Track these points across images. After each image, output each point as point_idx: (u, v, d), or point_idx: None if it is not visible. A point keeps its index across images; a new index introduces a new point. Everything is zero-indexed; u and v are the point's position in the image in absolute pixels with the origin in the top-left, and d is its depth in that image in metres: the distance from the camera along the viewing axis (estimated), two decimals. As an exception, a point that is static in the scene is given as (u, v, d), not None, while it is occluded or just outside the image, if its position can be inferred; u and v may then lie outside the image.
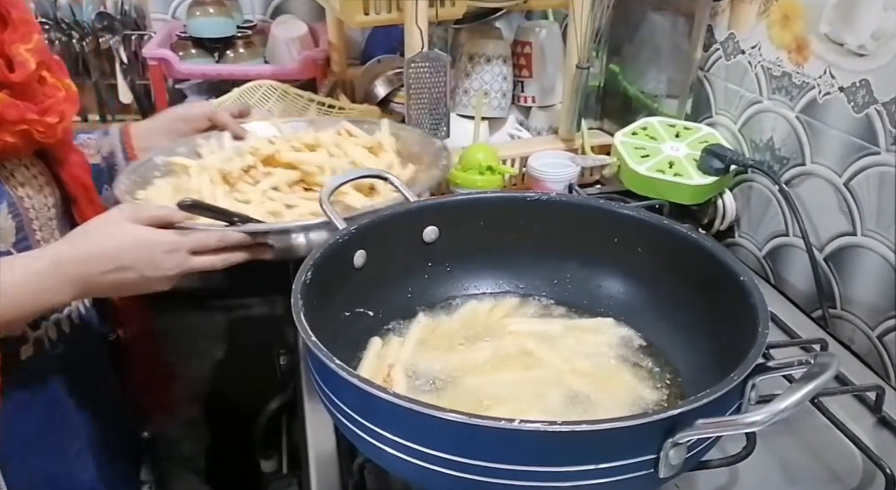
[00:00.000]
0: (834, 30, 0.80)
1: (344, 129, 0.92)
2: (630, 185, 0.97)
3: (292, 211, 0.76)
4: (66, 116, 0.65)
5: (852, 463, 0.61)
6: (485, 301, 0.69)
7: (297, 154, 0.84)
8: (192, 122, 0.89)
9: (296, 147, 0.86)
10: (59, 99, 0.65)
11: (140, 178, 0.80)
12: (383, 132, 0.91)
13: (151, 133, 0.87)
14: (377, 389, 0.44)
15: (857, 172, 0.78)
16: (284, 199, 0.77)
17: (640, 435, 0.42)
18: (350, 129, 0.92)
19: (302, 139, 0.87)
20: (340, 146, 0.87)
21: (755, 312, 0.51)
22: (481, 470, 0.43)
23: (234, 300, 0.96)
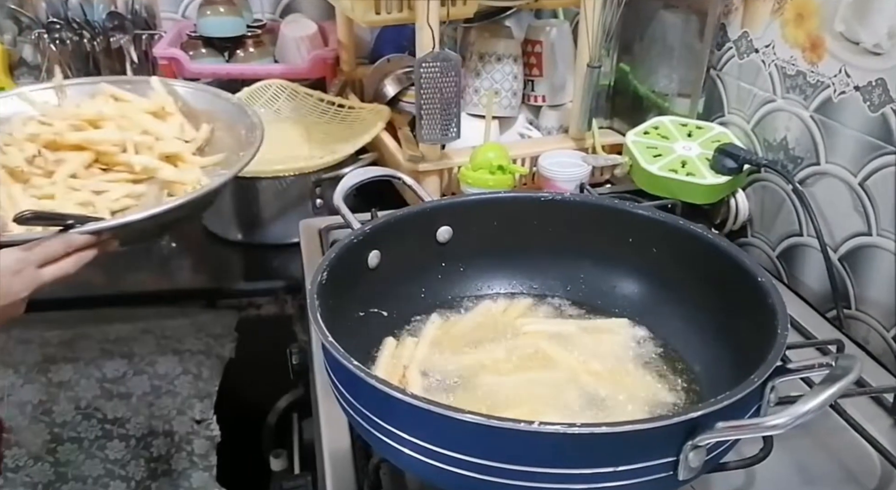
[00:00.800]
0: (849, 28, 0.79)
1: (107, 94, 0.83)
2: (642, 185, 0.97)
3: (104, 197, 0.71)
4: None
5: (870, 465, 0.61)
6: (499, 301, 0.69)
7: (85, 134, 0.76)
8: None
9: (77, 126, 0.78)
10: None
11: None
12: (158, 92, 0.83)
13: None
14: (394, 390, 0.44)
15: (873, 172, 0.78)
16: (89, 185, 0.72)
17: (660, 437, 0.42)
18: (115, 91, 0.83)
19: (81, 115, 0.79)
20: (126, 116, 0.80)
21: (774, 314, 0.50)
22: (499, 471, 0.43)
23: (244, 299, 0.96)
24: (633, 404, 0.57)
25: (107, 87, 0.84)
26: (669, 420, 0.41)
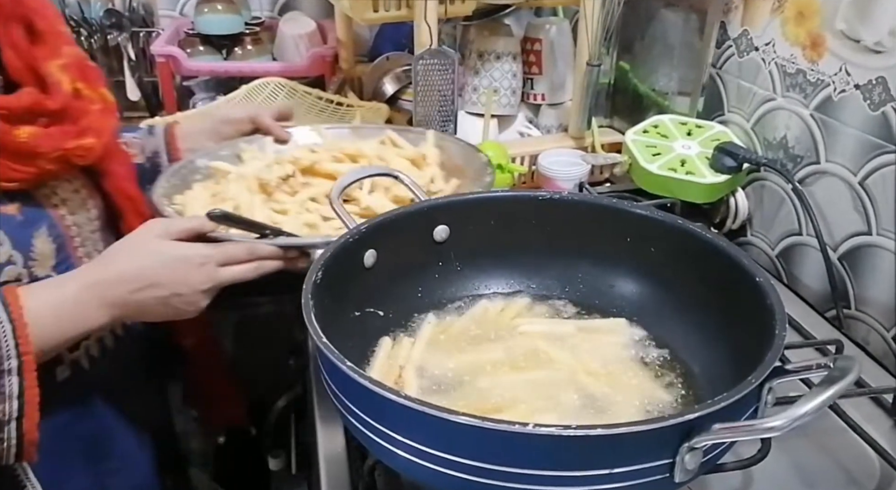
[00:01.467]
0: (850, 26, 0.79)
1: (388, 139, 0.91)
2: (641, 184, 0.97)
3: (329, 223, 0.75)
4: (104, 134, 0.62)
5: (869, 466, 0.61)
6: (496, 301, 0.68)
7: (337, 165, 0.83)
8: (235, 124, 0.88)
9: (337, 157, 0.85)
10: (95, 115, 0.61)
11: (180, 181, 0.78)
12: (428, 143, 0.89)
13: (196, 134, 0.86)
14: (389, 392, 0.43)
15: (873, 171, 0.77)
16: (322, 210, 0.76)
17: (656, 439, 0.42)
18: (394, 138, 0.90)
19: (344, 149, 0.86)
20: (383, 158, 0.86)
21: (772, 314, 0.50)
22: (494, 473, 0.42)
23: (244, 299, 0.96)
24: (630, 405, 0.57)
25: (390, 134, 0.91)
26: (665, 422, 0.41)
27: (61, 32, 0.61)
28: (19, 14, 0.57)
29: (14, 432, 0.52)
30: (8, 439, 0.52)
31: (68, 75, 0.59)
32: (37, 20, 0.58)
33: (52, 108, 0.56)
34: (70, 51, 0.61)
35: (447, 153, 0.89)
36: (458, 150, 0.89)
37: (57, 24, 0.61)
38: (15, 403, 0.51)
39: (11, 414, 0.51)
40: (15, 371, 0.51)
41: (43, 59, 0.58)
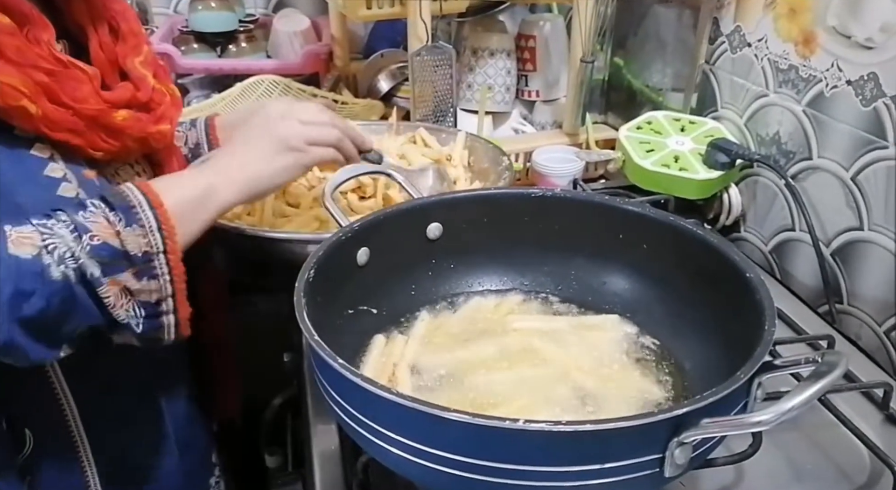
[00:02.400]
0: (841, 22, 0.79)
1: (419, 137, 0.91)
2: (635, 180, 0.97)
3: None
4: (174, 122, 0.68)
5: (859, 460, 0.61)
6: (489, 298, 0.69)
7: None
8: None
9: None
10: (167, 105, 0.67)
11: None
12: (457, 144, 0.89)
13: (233, 126, 0.88)
14: (381, 389, 0.43)
15: (865, 167, 0.77)
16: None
17: (645, 434, 0.42)
18: (425, 137, 0.91)
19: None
20: (406, 157, 0.86)
21: (762, 310, 0.50)
22: (486, 470, 0.43)
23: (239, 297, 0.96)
24: (623, 401, 0.57)
25: (422, 132, 0.92)
26: (654, 417, 0.41)
27: (140, 33, 0.68)
28: (107, 16, 0.64)
29: (165, 268, 0.56)
30: (167, 313, 0.57)
31: (150, 70, 0.66)
32: (120, 21, 0.65)
33: (142, 100, 0.64)
34: (147, 49, 0.67)
35: (475, 155, 0.89)
36: (486, 152, 0.89)
37: (136, 26, 0.67)
38: (157, 236, 0.55)
39: (157, 245, 0.55)
40: (146, 205, 0.55)
41: (125, 56, 0.65)
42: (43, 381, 0.61)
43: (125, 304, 0.54)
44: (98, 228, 0.53)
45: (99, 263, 0.52)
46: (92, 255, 0.52)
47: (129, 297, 0.54)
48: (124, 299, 0.54)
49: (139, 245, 0.54)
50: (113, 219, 0.53)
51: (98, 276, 0.52)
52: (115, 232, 0.53)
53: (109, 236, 0.53)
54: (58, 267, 0.50)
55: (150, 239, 0.54)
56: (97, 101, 0.59)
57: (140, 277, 0.54)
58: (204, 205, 0.60)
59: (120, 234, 0.53)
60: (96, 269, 0.52)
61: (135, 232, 0.54)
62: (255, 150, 0.64)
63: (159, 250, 0.55)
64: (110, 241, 0.53)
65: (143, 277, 0.54)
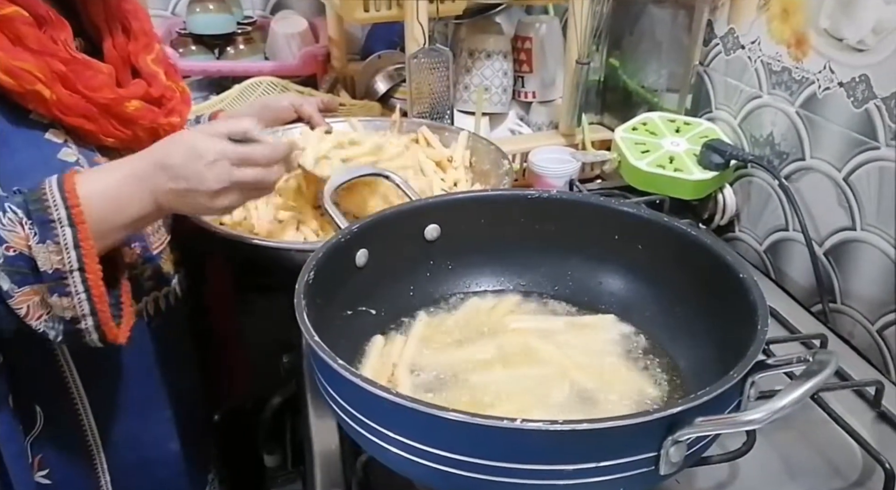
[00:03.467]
0: (834, 24, 0.80)
1: (422, 136, 0.91)
2: (630, 181, 0.98)
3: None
4: (183, 116, 0.69)
5: (852, 458, 0.62)
6: (486, 298, 0.69)
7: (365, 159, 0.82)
8: (277, 111, 0.92)
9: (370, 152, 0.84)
10: (177, 100, 0.69)
11: None
12: (459, 145, 0.89)
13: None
14: (380, 389, 0.44)
15: (857, 167, 0.78)
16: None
17: (640, 433, 0.43)
18: (428, 136, 0.91)
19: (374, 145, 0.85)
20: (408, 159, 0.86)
21: (755, 310, 0.51)
22: (484, 468, 0.43)
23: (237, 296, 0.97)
24: (619, 400, 0.58)
25: (425, 130, 0.92)
26: (649, 416, 0.42)
27: (151, 32, 0.70)
28: (120, 16, 0.66)
29: (81, 286, 0.54)
30: (86, 330, 0.55)
31: (161, 68, 0.68)
32: (132, 20, 0.67)
33: (154, 95, 0.66)
34: (159, 48, 0.69)
35: (477, 155, 0.89)
36: (488, 153, 0.89)
37: (147, 25, 0.70)
38: (72, 254, 0.53)
39: (71, 264, 0.53)
40: (66, 222, 0.53)
41: (136, 54, 0.67)
42: (53, 363, 0.63)
43: (42, 315, 0.53)
44: (14, 239, 0.52)
45: (11, 274, 0.52)
46: (5, 266, 0.51)
47: (46, 309, 0.54)
48: (41, 310, 0.53)
49: (50, 262, 0.52)
50: (28, 231, 0.52)
51: (8, 288, 0.52)
52: (27, 246, 0.52)
53: (24, 248, 0.52)
54: None
55: (65, 257, 0.53)
56: (111, 90, 0.61)
57: (52, 293, 0.53)
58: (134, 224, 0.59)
59: (31, 248, 0.52)
60: (6, 282, 0.52)
61: (48, 248, 0.52)
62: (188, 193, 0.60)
63: (73, 268, 0.53)
64: (25, 252, 0.52)
65: (55, 294, 0.53)
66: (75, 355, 0.64)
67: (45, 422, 0.65)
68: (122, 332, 0.58)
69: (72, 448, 0.66)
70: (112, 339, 0.57)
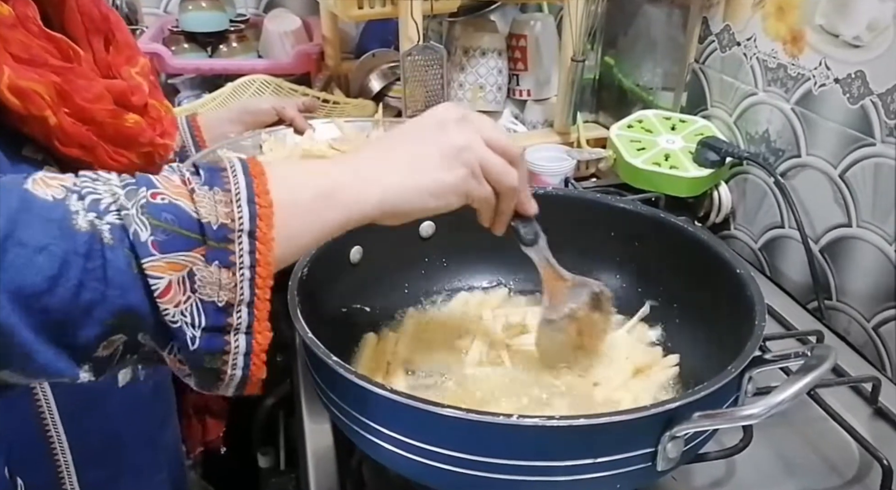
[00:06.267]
0: (829, 21, 0.80)
1: None
2: (626, 178, 0.97)
3: None
4: (172, 135, 0.64)
5: (849, 454, 0.62)
6: (481, 295, 0.69)
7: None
8: (258, 115, 0.90)
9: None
10: (166, 120, 0.63)
11: None
12: None
13: (218, 124, 0.87)
14: (375, 386, 0.44)
15: (853, 164, 0.78)
16: None
17: (637, 429, 0.42)
18: None
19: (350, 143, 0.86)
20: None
21: (752, 305, 0.51)
22: (480, 465, 0.43)
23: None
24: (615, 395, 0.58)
25: None
26: (646, 411, 0.41)
27: (135, 45, 0.66)
28: (104, 27, 0.61)
29: (247, 258, 0.37)
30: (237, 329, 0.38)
31: (146, 80, 0.63)
32: (116, 32, 0.63)
33: (135, 103, 0.58)
34: (143, 61, 0.65)
35: None
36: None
37: (130, 38, 0.65)
38: (245, 209, 0.37)
39: (242, 221, 0.37)
40: (240, 171, 0.39)
41: (119, 66, 0.62)
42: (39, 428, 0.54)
43: (181, 300, 0.36)
44: (167, 186, 0.37)
45: (154, 227, 0.35)
46: (147, 212, 0.35)
47: (187, 292, 0.36)
48: (181, 292, 0.36)
49: (216, 214, 0.37)
50: (190, 177, 0.38)
51: (146, 239, 0.35)
52: (189, 191, 0.37)
53: (179, 195, 0.37)
54: (86, 215, 0.34)
55: (235, 209, 0.37)
56: (108, 100, 0.55)
57: (209, 261, 0.36)
58: (326, 206, 0.41)
59: (194, 192, 0.37)
60: (145, 232, 0.35)
61: (215, 195, 0.37)
62: (413, 152, 0.46)
63: (244, 229, 0.37)
64: (179, 201, 0.36)
65: (214, 261, 0.36)
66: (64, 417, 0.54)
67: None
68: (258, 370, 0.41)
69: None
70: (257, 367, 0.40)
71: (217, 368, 0.38)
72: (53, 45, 0.52)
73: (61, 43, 0.53)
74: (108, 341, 0.35)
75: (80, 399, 0.55)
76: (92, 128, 0.53)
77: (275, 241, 0.38)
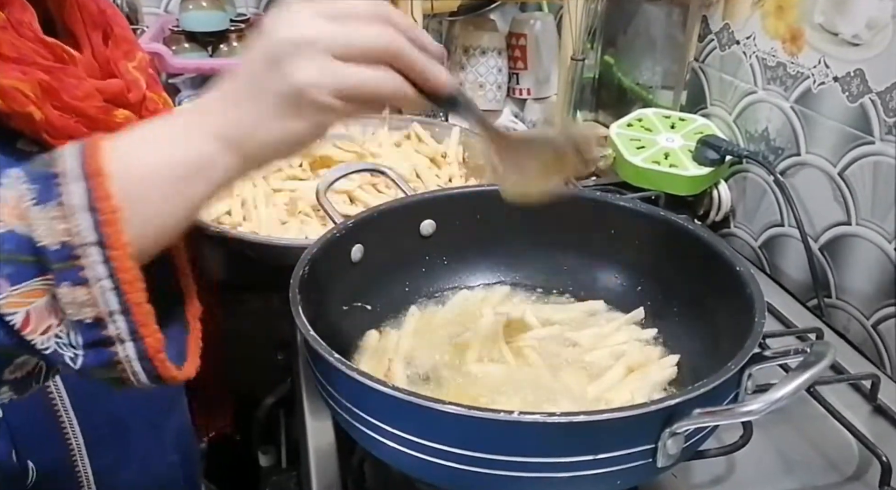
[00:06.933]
0: (828, 19, 0.80)
1: (414, 132, 0.90)
2: (626, 177, 0.98)
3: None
4: None
5: (848, 451, 0.62)
6: (482, 293, 0.69)
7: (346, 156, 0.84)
8: None
9: (360, 153, 0.85)
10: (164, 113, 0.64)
11: None
12: (452, 140, 0.88)
13: None
14: (377, 383, 0.44)
15: (852, 162, 0.78)
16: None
17: (637, 425, 0.43)
18: (420, 132, 0.90)
19: (364, 146, 0.86)
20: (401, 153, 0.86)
21: (752, 303, 0.51)
22: (481, 462, 0.43)
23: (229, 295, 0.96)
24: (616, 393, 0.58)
25: (416, 127, 0.90)
26: (646, 408, 0.42)
27: (133, 39, 0.66)
28: (102, 21, 0.62)
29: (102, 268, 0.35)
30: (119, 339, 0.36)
31: (143, 75, 0.63)
32: (114, 27, 0.63)
33: (132, 100, 0.58)
34: (141, 56, 0.65)
35: (470, 151, 0.89)
36: (482, 149, 0.89)
37: (129, 33, 0.66)
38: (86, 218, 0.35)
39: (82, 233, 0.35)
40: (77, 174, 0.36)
41: (117, 61, 0.62)
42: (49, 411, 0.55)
43: (52, 325, 0.35)
44: (4, 210, 0.35)
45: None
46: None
47: (58, 315, 0.36)
48: (48, 317, 0.35)
49: (53, 233, 0.34)
50: (25, 192, 0.35)
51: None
52: (20, 213, 0.35)
53: (15, 218, 0.35)
54: None
55: (73, 225, 0.35)
56: (98, 98, 0.56)
57: (60, 282, 0.35)
58: (188, 184, 0.39)
59: (27, 214, 0.35)
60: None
61: (49, 213, 0.35)
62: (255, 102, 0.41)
63: (88, 241, 0.35)
64: (15, 227, 0.35)
65: (64, 282, 0.35)
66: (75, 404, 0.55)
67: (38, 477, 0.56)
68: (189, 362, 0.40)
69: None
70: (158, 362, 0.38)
71: (118, 377, 0.37)
72: (48, 50, 0.52)
73: (55, 48, 0.53)
74: (14, 366, 0.36)
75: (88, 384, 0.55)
76: (82, 120, 0.53)
77: (129, 243, 0.35)
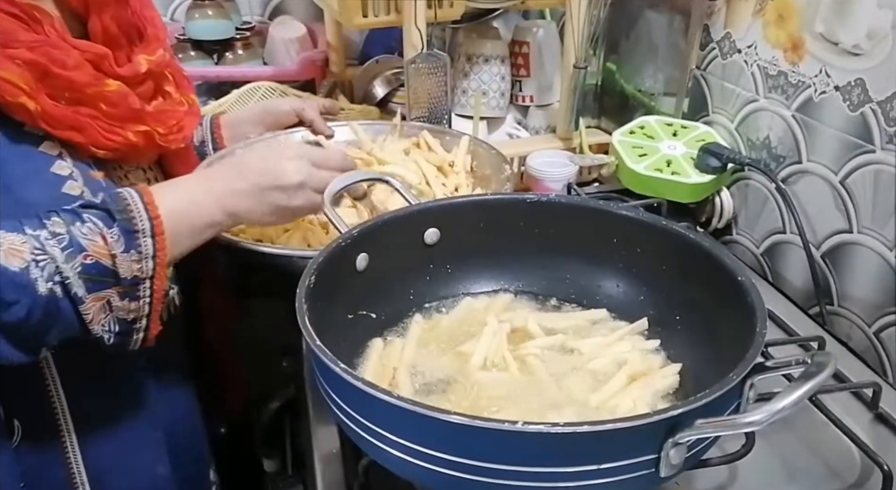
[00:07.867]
0: (829, 29, 0.80)
1: (423, 140, 0.91)
2: (628, 184, 0.98)
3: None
4: (185, 126, 0.68)
5: (850, 459, 0.62)
6: (485, 301, 0.70)
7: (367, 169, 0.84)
8: (279, 116, 0.92)
9: (366, 160, 0.86)
10: (180, 112, 0.68)
11: None
12: (460, 149, 0.89)
13: (239, 124, 0.89)
14: (382, 393, 0.44)
15: (853, 170, 0.79)
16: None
17: (640, 435, 0.43)
18: (429, 141, 0.91)
19: (372, 152, 0.87)
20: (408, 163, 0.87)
21: (753, 312, 0.51)
22: (485, 471, 0.44)
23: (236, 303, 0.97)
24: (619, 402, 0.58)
25: (426, 135, 0.92)
26: (649, 418, 0.42)
27: (162, 38, 0.69)
28: (139, 22, 0.65)
29: (148, 292, 0.56)
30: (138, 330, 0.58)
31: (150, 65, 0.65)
32: (147, 26, 0.66)
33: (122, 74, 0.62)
34: (162, 54, 0.67)
35: (478, 160, 0.89)
36: (489, 158, 0.89)
37: (162, 33, 0.69)
38: (150, 263, 0.56)
39: (148, 272, 0.56)
40: (148, 232, 0.56)
41: (136, 54, 0.65)
42: (35, 372, 0.61)
43: (103, 320, 0.55)
44: (94, 248, 0.53)
45: (86, 282, 0.53)
46: (81, 274, 0.53)
47: (107, 313, 0.55)
48: (103, 314, 0.55)
49: (131, 270, 0.55)
50: (111, 240, 0.54)
51: (82, 294, 0.53)
52: (111, 255, 0.54)
53: (103, 257, 0.54)
54: (45, 283, 0.51)
55: (144, 265, 0.55)
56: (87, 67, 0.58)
57: (123, 298, 0.55)
58: (207, 234, 0.61)
59: (115, 257, 0.54)
60: (81, 289, 0.53)
61: (130, 258, 0.54)
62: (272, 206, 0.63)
63: (148, 276, 0.56)
64: (103, 261, 0.54)
65: (126, 298, 0.55)
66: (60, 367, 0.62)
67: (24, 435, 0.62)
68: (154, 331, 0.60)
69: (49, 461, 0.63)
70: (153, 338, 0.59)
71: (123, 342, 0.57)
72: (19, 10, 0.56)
73: (24, 7, 0.56)
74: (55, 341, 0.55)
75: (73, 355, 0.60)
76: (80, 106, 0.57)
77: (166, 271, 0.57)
